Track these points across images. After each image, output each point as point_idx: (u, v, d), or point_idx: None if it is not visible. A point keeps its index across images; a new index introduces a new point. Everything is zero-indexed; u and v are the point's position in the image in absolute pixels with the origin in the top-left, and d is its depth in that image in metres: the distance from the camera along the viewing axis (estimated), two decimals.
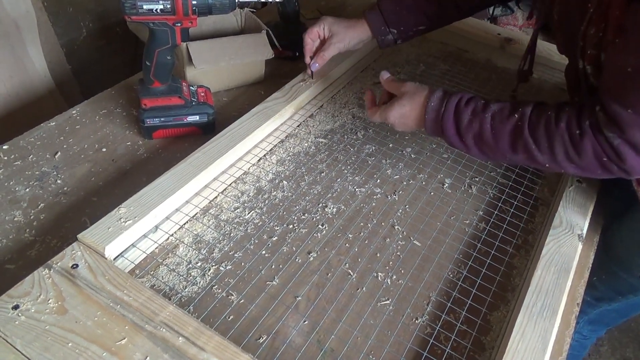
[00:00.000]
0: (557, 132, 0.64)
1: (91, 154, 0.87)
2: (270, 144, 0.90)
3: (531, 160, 0.68)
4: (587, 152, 0.63)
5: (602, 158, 0.63)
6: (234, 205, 0.80)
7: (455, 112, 0.72)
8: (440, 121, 0.73)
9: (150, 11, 0.76)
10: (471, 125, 0.70)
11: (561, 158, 0.65)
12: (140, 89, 0.87)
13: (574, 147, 0.64)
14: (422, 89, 0.77)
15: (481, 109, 0.70)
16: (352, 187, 0.86)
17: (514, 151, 0.68)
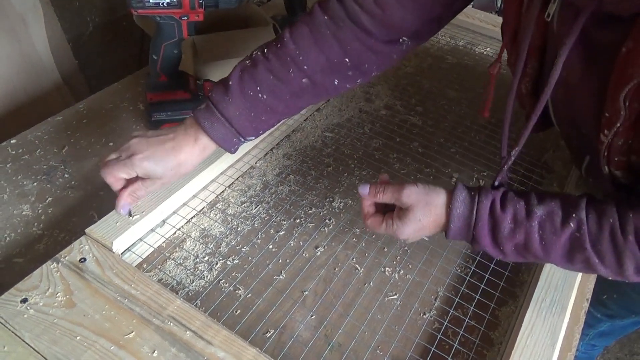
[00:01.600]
0: (626, 246, 0.54)
1: (98, 148, 0.87)
2: (277, 138, 0.90)
3: (591, 270, 0.58)
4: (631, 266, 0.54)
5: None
6: (240, 200, 0.80)
7: (490, 220, 0.58)
8: (473, 230, 0.59)
9: (157, 5, 0.76)
10: (514, 235, 0.57)
11: (631, 273, 0.55)
12: (147, 83, 0.87)
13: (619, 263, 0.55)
14: (436, 194, 0.61)
15: (525, 216, 0.57)
16: (360, 182, 0.86)
17: (570, 262, 0.57)
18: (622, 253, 0.55)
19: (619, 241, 0.55)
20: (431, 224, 0.61)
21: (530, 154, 0.93)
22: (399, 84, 1.09)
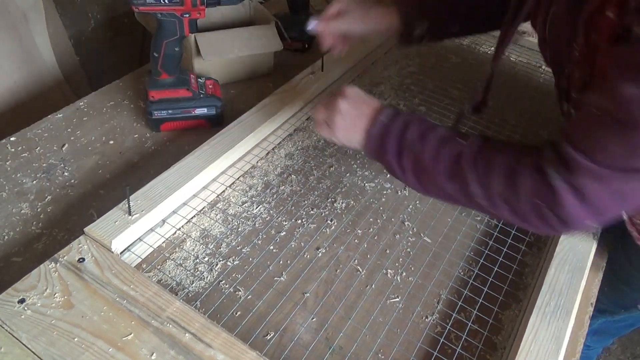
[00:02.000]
0: (495, 163, 0.57)
1: (98, 147, 0.86)
2: (279, 138, 0.89)
3: (464, 194, 0.59)
4: (523, 191, 0.55)
5: (536, 201, 0.54)
6: (241, 200, 0.79)
7: (402, 128, 0.63)
8: (385, 136, 0.64)
9: (158, 2, 0.75)
10: (413, 146, 0.62)
11: (495, 194, 0.57)
12: (148, 80, 0.86)
13: (510, 184, 0.56)
14: (372, 100, 0.68)
15: (430, 128, 0.63)
16: (362, 182, 0.85)
17: (449, 178, 0.60)
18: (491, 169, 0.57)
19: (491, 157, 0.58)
20: (360, 119, 0.66)
21: None
22: (402, 84, 1.08)
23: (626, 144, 0.48)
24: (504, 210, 0.58)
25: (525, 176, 0.55)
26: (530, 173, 0.55)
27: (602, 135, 0.49)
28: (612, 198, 0.51)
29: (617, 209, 0.53)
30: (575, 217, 0.54)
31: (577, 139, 0.52)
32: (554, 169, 0.53)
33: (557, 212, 0.54)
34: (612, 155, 0.49)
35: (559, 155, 0.53)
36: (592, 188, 0.51)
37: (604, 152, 0.50)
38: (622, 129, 0.48)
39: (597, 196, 0.51)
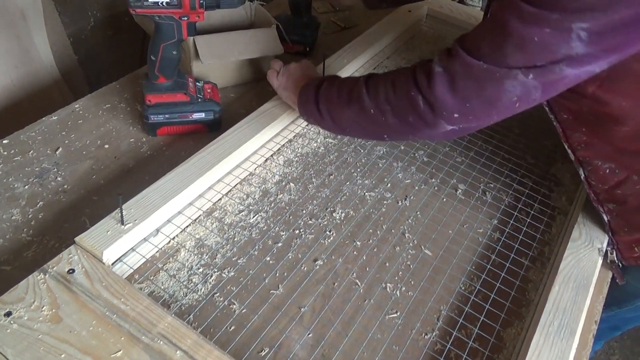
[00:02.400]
0: (382, 76, 0.69)
1: (93, 151, 0.84)
2: (278, 144, 0.87)
3: (362, 112, 0.70)
4: (401, 85, 0.65)
5: (411, 91, 0.63)
6: (238, 208, 0.78)
7: (318, 84, 0.77)
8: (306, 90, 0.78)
9: (156, 4, 0.73)
10: (325, 92, 0.75)
11: (381, 99, 0.67)
12: (145, 84, 0.84)
13: (392, 81, 0.66)
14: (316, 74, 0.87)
15: (337, 78, 0.78)
16: (362, 191, 0.83)
17: (349, 103, 0.71)
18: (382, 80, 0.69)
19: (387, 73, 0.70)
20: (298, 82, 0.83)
21: (538, 165, 0.90)
22: None
23: (494, 44, 0.57)
24: (388, 114, 0.67)
25: (404, 74, 0.65)
26: (409, 71, 0.65)
27: (481, 34, 0.59)
28: (475, 88, 0.59)
29: (480, 104, 0.60)
30: (443, 103, 0.61)
31: (465, 38, 0.61)
32: (438, 57, 0.62)
33: (428, 97, 0.62)
34: (482, 50, 0.58)
35: (447, 50, 0.62)
36: (460, 74, 0.59)
37: (477, 47, 0.58)
38: (496, 32, 0.57)
39: (463, 83, 0.59)
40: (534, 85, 0.57)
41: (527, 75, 0.56)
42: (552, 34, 0.53)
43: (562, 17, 0.52)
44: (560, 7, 0.52)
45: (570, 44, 0.53)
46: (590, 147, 0.69)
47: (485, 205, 0.82)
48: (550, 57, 0.54)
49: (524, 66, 0.56)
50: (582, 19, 0.51)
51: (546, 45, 0.54)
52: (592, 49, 0.53)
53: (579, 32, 0.52)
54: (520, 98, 0.58)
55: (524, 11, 0.54)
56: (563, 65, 0.55)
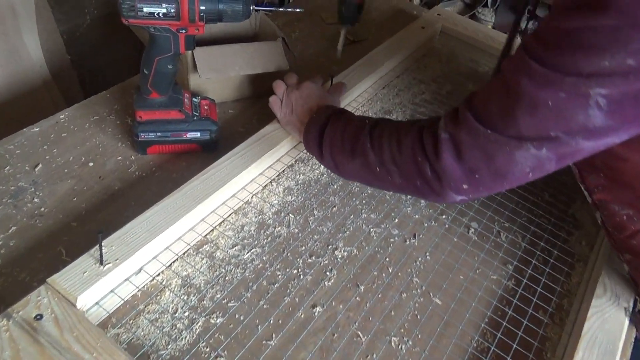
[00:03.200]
0: (387, 130, 0.63)
1: (76, 169, 0.77)
2: (277, 172, 0.80)
3: (366, 167, 0.64)
4: (407, 147, 0.60)
5: (417, 156, 0.58)
6: (231, 242, 0.71)
7: (324, 121, 0.71)
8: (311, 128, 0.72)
9: (152, 15, 0.66)
10: (329, 134, 0.69)
11: (387, 157, 0.62)
12: (136, 98, 0.77)
13: (397, 140, 0.61)
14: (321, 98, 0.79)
15: (342, 116, 0.71)
16: (367, 227, 0.76)
17: (352, 155, 0.65)
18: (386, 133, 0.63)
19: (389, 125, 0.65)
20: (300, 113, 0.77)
21: (557, 204, 0.84)
22: (415, 112, 0.99)
23: (503, 108, 0.51)
24: (394, 175, 0.62)
25: (409, 136, 0.60)
26: (415, 132, 0.60)
27: (490, 95, 0.53)
28: (484, 159, 0.53)
29: (489, 175, 0.54)
30: (450, 174, 0.56)
31: (473, 98, 0.55)
32: (444, 121, 0.57)
33: (435, 165, 0.57)
34: (490, 115, 0.52)
35: (454, 111, 0.57)
36: (468, 144, 0.54)
37: (485, 111, 0.53)
38: (506, 94, 0.51)
39: (470, 153, 0.54)
40: (547, 157, 0.51)
41: (540, 148, 0.50)
42: (568, 99, 0.47)
43: (578, 81, 0.46)
44: (575, 70, 0.46)
45: (588, 112, 0.47)
46: (607, 190, 0.63)
47: (500, 249, 0.76)
48: (565, 126, 0.48)
49: (536, 136, 0.50)
50: (600, 84, 0.45)
51: (561, 112, 0.48)
52: (612, 120, 0.47)
53: (597, 98, 0.46)
54: (533, 169, 0.53)
55: (536, 72, 0.48)
56: (579, 138, 0.49)
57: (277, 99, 0.82)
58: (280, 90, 0.82)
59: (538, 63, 0.48)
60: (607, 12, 0.43)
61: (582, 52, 0.45)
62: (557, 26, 0.47)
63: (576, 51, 0.45)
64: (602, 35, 0.44)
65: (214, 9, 0.67)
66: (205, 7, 0.67)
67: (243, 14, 0.69)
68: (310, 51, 1.11)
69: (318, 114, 0.73)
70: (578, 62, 0.45)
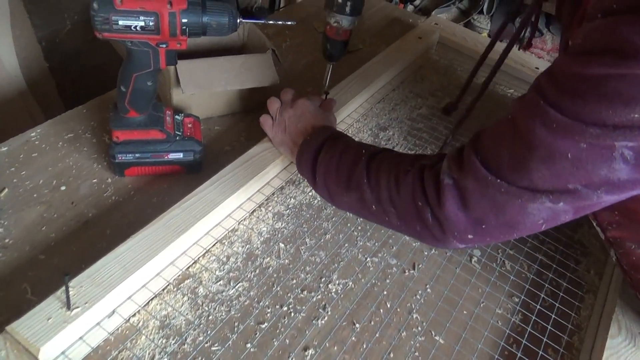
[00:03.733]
0: (385, 166, 0.58)
1: (46, 193, 0.71)
2: (265, 196, 0.75)
3: (362, 203, 0.59)
4: (407, 189, 0.55)
5: (417, 201, 0.54)
6: (216, 275, 0.65)
7: (318, 146, 0.66)
8: (305, 152, 0.67)
9: (128, 28, 0.60)
10: (323, 161, 0.64)
11: (384, 197, 0.57)
12: (113, 117, 0.71)
13: (396, 179, 0.56)
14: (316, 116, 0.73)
15: (338, 142, 0.65)
16: (363, 256, 0.71)
17: (348, 188, 0.60)
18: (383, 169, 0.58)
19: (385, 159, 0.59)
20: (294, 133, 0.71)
21: (564, 231, 0.79)
22: (413, 128, 0.94)
23: (515, 156, 0.46)
24: (392, 215, 0.57)
25: (409, 175, 0.55)
26: (416, 172, 0.55)
27: (501, 140, 0.48)
28: (492, 210, 0.49)
29: (498, 226, 0.50)
30: (455, 224, 0.51)
31: (480, 139, 0.51)
32: (448, 164, 0.52)
33: (437, 213, 0.52)
34: (500, 163, 0.48)
35: (459, 152, 0.52)
36: (475, 192, 0.49)
37: (494, 157, 0.48)
38: (518, 141, 0.46)
39: (477, 203, 0.49)
40: (564, 209, 0.46)
41: (557, 202, 0.45)
42: (590, 151, 0.42)
43: (602, 132, 0.41)
44: (599, 120, 0.40)
45: (612, 165, 0.42)
46: (623, 227, 0.58)
47: (506, 282, 0.70)
48: (585, 179, 0.43)
49: (552, 189, 0.45)
50: (628, 137, 0.40)
51: (581, 164, 0.43)
52: (639, 174, 0.42)
53: (623, 150, 0.41)
54: (547, 221, 0.48)
55: (553, 119, 0.43)
56: (601, 192, 0.44)
57: (269, 118, 0.76)
58: (273, 108, 0.76)
59: (556, 110, 0.43)
60: (636, 61, 0.37)
61: (608, 101, 0.40)
62: (578, 72, 0.41)
63: (601, 100, 0.40)
64: (631, 84, 0.38)
65: (197, 22, 0.61)
66: (188, 20, 0.61)
67: (229, 28, 0.64)
68: (302, 62, 1.05)
69: (313, 136, 0.68)
70: (602, 112, 0.40)
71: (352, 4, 0.71)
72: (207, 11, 0.61)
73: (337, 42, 0.77)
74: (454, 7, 2.33)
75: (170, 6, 0.59)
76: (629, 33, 0.37)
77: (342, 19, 0.73)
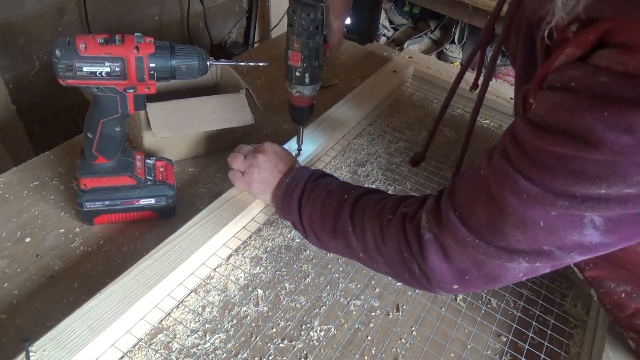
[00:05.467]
0: (372, 212, 0.58)
1: (9, 246, 0.67)
2: (242, 241, 0.72)
3: (350, 250, 0.60)
4: (392, 240, 0.55)
5: (403, 252, 0.54)
6: (191, 327, 0.62)
7: (301, 191, 0.65)
8: (287, 198, 0.66)
9: (93, 74, 0.58)
10: (307, 207, 0.63)
11: (370, 246, 0.57)
12: (80, 164, 0.68)
13: (380, 229, 0.56)
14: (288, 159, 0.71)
15: (321, 186, 0.64)
16: (345, 299, 0.68)
17: (334, 236, 0.60)
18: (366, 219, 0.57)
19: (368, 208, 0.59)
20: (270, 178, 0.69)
21: None
22: (391, 163, 0.92)
23: (490, 219, 0.46)
24: (380, 263, 0.57)
25: (392, 226, 0.55)
26: (399, 222, 0.54)
27: (475, 201, 0.48)
28: (474, 265, 0.49)
29: (480, 278, 0.50)
30: (439, 275, 0.51)
31: (455, 195, 0.50)
32: (427, 218, 0.52)
33: (422, 265, 0.52)
34: (477, 223, 0.47)
35: (437, 205, 0.52)
36: (455, 249, 0.49)
37: (471, 217, 0.48)
38: (491, 205, 0.46)
39: (459, 258, 0.50)
40: (541, 265, 0.47)
41: (533, 262, 0.46)
42: (560, 219, 0.42)
43: (571, 204, 0.41)
44: (568, 192, 0.40)
45: (583, 231, 0.42)
46: (600, 267, 0.57)
47: (492, 321, 0.68)
48: (559, 242, 0.44)
49: (528, 250, 0.45)
50: (596, 210, 0.40)
51: (553, 230, 0.43)
52: (609, 238, 0.43)
53: (593, 217, 0.41)
54: (527, 274, 0.49)
55: (523, 189, 0.43)
56: (575, 254, 0.44)
57: (237, 172, 0.72)
58: (237, 162, 0.72)
59: (525, 179, 0.42)
60: (599, 150, 0.37)
61: (575, 177, 0.39)
62: (545, 148, 0.41)
63: (568, 176, 0.40)
64: (596, 166, 0.38)
65: (165, 66, 0.59)
66: (156, 64, 0.59)
67: (199, 71, 0.62)
68: (277, 99, 1.04)
69: (293, 181, 0.66)
70: (570, 187, 0.40)
71: (310, 74, 0.70)
72: (175, 55, 0.59)
73: (303, 109, 0.76)
74: (426, 37, 2.37)
75: (136, 51, 0.57)
76: (590, 121, 0.37)
77: (303, 89, 0.72)
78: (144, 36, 0.58)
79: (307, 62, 0.68)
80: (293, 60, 0.68)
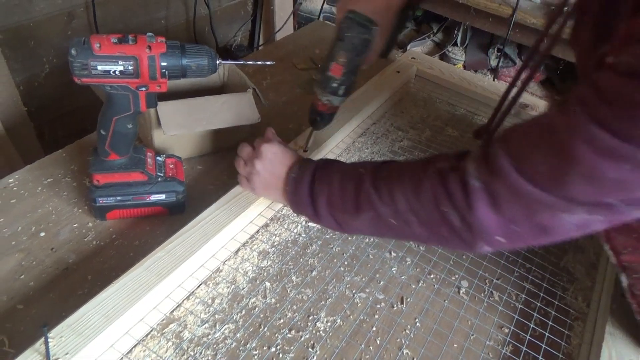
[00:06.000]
0: (398, 175, 0.57)
1: (25, 240, 0.69)
2: (250, 235, 0.74)
3: (379, 220, 0.58)
4: (427, 195, 0.53)
5: (441, 206, 0.52)
6: (201, 318, 0.63)
7: (310, 180, 0.64)
8: (298, 193, 0.65)
9: (107, 73, 0.60)
10: (321, 193, 0.62)
11: (402, 208, 0.55)
12: (93, 161, 0.70)
13: (412, 188, 0.54)
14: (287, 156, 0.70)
15: (332, 170, 0.64)
16: (350, 292, 0.70)
17: (358, 210, 0.59)
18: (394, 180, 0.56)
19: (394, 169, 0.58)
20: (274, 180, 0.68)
21: (549, 258, 0.79)
22: None
23: (552, 167, 0.45)
24: (414, 225, 0.55)
25: (425, 182, 0.53)
26: (435, 178, 0.53)
27: (535, 147, 0.47)
28: (525, 214, 0.48)
29: (530, 229, 0.49)
30: (485, 226, 0.50)
31: (510, 142, 0.49)
32: (475, 167, 0.50)
33: (466, 217, 0.50)
34: (535, 170, 0.46)
35: (486, 154, 0.50)
36: (506, 197, 0.48)
37: (528, 164, 0.47)
38: (557, 153, 0.45)
39: (510, 206, 0.48)
40: (598, 219, 0.46)
41: (592, 213, 0.45)
42: (632, 173, 0.42)
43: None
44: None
45: None
46: (638, 251, 0.57)
47: (494, 313, 0.70)
48: (624, 195, 0.43)
49: (590, 202, 0.45)
50: None
51: (622, 184, 0.43)
52: None
53: None
54: (579, 228, 0.47)
55: (600, 140, 0.42)
56: (636, 209, 0.44)
57: (243, 178, 0.72)
58: (240, 167, 0.72)
59: (605, 131, 0.42)
60: None
61: None
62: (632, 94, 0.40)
63: None
64: None
65: (176, 65, 0.62)
66: (167, 63, 0.61)
67: (209, 69, 0.64)
68: (282, 99, 1.06)
69: (299, 172, 0.66)
70: None
71: (346, 88, 0.70)
72: (186, 54, 0.62)
73: (327, 115, 0.76)
74: (429, 40, 2.39)
75: (149, 50, 0.59)
76: None
77: (333, 99, 0.72)
78: (155, 36, 0.61)
79: (347, 76, 0.69)
80: (334, 72, 0.68)
